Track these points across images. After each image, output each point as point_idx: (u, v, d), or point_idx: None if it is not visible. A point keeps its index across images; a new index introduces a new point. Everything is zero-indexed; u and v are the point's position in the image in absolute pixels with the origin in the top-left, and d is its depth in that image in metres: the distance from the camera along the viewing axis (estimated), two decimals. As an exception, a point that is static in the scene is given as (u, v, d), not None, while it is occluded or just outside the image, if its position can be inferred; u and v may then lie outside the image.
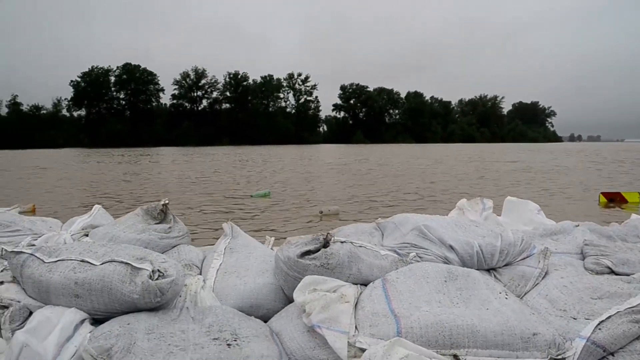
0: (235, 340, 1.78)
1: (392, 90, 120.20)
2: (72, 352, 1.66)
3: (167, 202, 2.98)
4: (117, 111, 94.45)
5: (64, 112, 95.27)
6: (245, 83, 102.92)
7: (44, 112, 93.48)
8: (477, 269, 2.32)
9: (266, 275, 2.30)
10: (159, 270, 1.98)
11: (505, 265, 2.46)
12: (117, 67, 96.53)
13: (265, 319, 2.15)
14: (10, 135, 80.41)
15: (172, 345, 1.71)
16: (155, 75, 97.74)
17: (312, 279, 2.04)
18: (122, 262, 1.97)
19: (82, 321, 1.89)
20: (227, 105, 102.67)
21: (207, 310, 2.01)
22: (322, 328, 1.82)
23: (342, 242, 2.23)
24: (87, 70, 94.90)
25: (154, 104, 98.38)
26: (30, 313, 1.92)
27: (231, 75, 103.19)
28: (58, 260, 2.01)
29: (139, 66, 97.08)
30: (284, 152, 50.56)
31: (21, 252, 2.07)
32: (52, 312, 1.83)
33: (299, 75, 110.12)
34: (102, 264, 1.98)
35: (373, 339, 1.78)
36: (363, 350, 1.76)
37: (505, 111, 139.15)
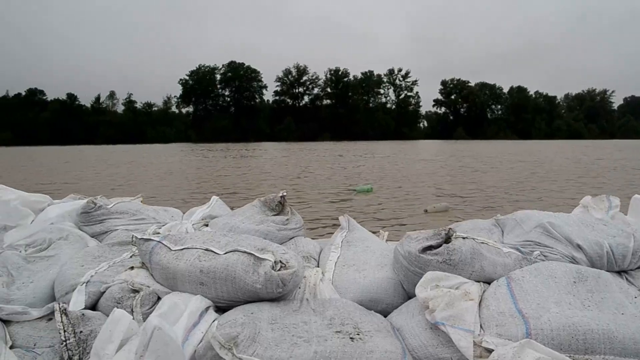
0: (358, 334, 1.78)
1: (494, 85, 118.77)
2: (199, 338, 1.73)
3: (285, 194, 3.03)
4: (222, 107, 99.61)
5: (174, 108, 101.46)
6: (345, 79, 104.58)
7: (156, 109, 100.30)
8: (607, 271, 2.17)
9: (385, 269, 2.28)
10: (280, 261, 2.00)
11: (638, 267, 2.29)
12: (223, 65, 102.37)
13: (384, 314, 2.14)
14: (126, 131, 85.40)
15: (295, 337, 1.74)
16: (258, 72, 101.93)
17: (434, 275, 2.00)
18: (245, 252, 2.03)
19: (207, 308, 1.96)
20: (328, 101, 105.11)
21: (327, 303, 2.02)
22: (446, 326, 1.77)
23: (463, 238, 2.17)
24: (194, 68, 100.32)
25: (257, 100, 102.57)
26: (158, 298, 2.01)
27: (332, 72, 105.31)
28: (184, 249, 2.10)
29: (243, 64, 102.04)
30: (384, 147, 50.53)
31: (150, 239, 2.18)
32: (180, 298, 1.92)
33: (400, 70, 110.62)
34: (225, 253, 2.05)
35: (500, 339, 1.71)
36: (489, 350, 1.69)
37: (615, 106, 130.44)
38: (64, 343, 1.83)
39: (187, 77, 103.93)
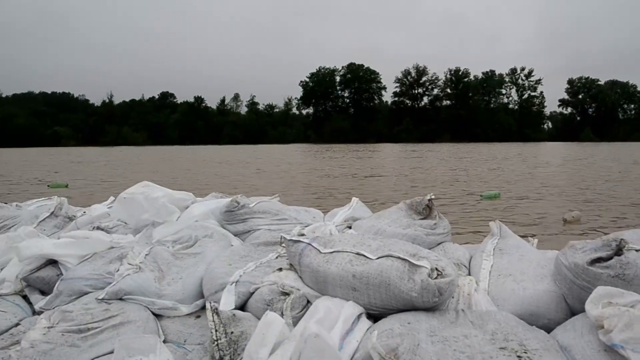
0: (525, 352, 1.65)
1: (627, 83, 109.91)
2: (354, 347, 1.69)
3: (433, 197, 2.89)
4: (342, 109, 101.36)
5: (294, 110, 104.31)
6: (466, 79, 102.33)
7: (277, 110, 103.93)
8: None
9: (545, 281, 2.12)
10: (436, 269, 1.88)
11: None
12: (342, 67, 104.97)
13: (545, 330, 1.93)
14: (248, 131, 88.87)
15: (457, 351, 1.63)
16: (377, 73, 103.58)
17: (606, 291, 1.79)
18: (399, 257, 1.94)
19: (359, 315, 1.86)
20: (448, 102, 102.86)
21: (486, 316, 1.89)
22: (626, 349, 1.56)
23: (637, 251, 1.92)
24: (315, 70, 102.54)
25: (376, 101, 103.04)
26: (308, 301, 1.94)
27: (452, 72, 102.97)
28: (334, 252, 2.07)
29: (362, 65, 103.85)
30: (506, 149, 48.52)
31: (299, 241, 2.15)
32: (332, 304, 1.88)
33: (523, 69, 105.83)
34: (378, 258, 1.98)
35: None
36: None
37: None
38: (216, 343, 1.84)
39: (307, 79, 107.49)
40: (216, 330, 1.91)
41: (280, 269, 2.30)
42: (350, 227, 3.06)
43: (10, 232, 3.35)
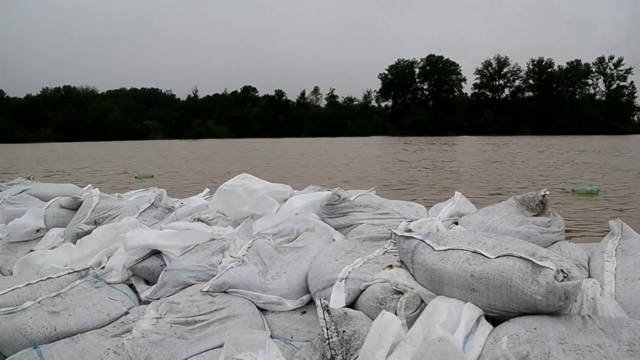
0: (670, 369, 1.42)
1: None
2: (478, 352, 1.58)
3: (547, 192, 2.69)
4: (421, 101, 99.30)
5: (373, 102, 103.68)
6: (549, 70, 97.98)
7: (356, 103, 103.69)
8: None
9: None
10: (562, 271, 1.70)
11: None
12: (422, 59, 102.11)
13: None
14: (328, 124, 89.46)
15: (592, 363, 1.43)
16: (457, 65, 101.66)
17: None
18: (520, 257, 1.76)
19: (479, 318, 1.70)
20: (530, 93, 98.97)
21: (617, 323, 1.70)
22: None
23: None
24: (394, 63, 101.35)
25: (455, 93, 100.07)
26: (421, 301, 1.81)
27: (534, 62, 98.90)
28: (449, 249, 1.95)
29: (442, 57, 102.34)
30: (593, 142, 46.03)
31: (411, 237, 2.01)
32: (451, 305, 1.72)
33: (611, 58, 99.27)
34: (497, 257, 1.81)
35: None
36: None
37: None
38: (327, 341, 1.75)
39: (386, 72, 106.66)
40: (327, 329, 1.82)
41: (391, 266, 2.19)
42: (456, 223, 2.90)
43: (115, 222, 3.42)
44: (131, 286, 2.74)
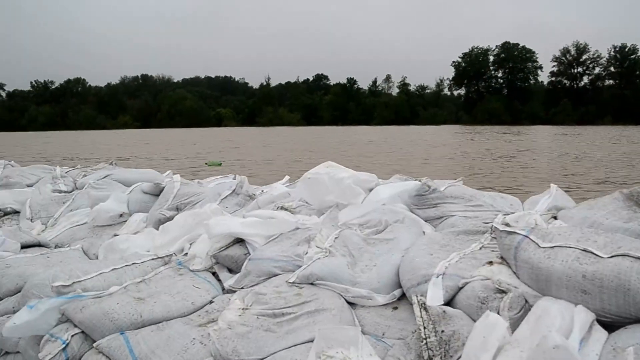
0: None
1: None
2: None
3: None
4: (495, 89, 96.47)
5: (445, 91, 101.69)
6: (632, 57, 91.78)
7: (428, 91, 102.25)
8: None
9: None
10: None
11: None
12: (496, 47, 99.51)
13: None
14: (399, 112, 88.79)
15: None
16: (533, 52, 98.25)
17: None
18: (638, 258, 1.56)
19: (591, 323, 1.54)
20: (611, 81, 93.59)
21: None
22: None
23: None
24: (467, 50, 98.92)
25: (531, 81, 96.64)
26: (525, 301, 1.66)
27: (616, 49, 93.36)
28: (555, 247, 1.79)
29: (517, 44, 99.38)
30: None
31: (514, 232, 1.85)
32: (563, 307, 1.55)
33: None
34: (610, 257, 1.64)
35: None
36: None
37: None
38: (424, 341, 1.65)
39: (459, 60, 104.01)
40: (425, 328, 1.71)
41: (491, 263, 2.04)
42: (555, 218, 2.71)
43: (197, 209, 3.42)
44: (214, 274, 2.72)
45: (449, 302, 1.98)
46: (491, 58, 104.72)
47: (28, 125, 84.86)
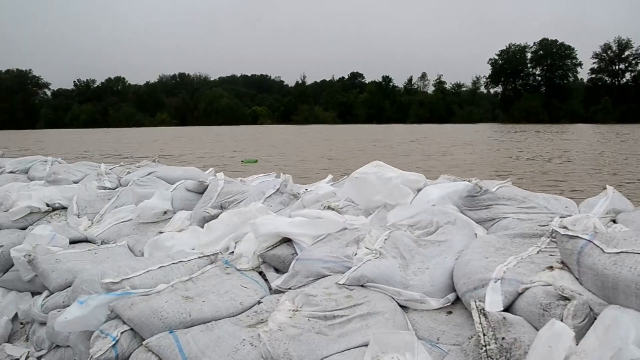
0: None
1: None
2: None
3: None
4: (532, 87, 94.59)
5: (482, 89, 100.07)
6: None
7: (464, 89, 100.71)
8: None
9: None
10: None
11: None
12: (534, 43, 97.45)
13: None
14: (434, 110, 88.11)
15: None
16: (572, 49, 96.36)
17: None
18: None
19: None
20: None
21: None
22: None
23: None
24: (504, 48, 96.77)
25: (570, 79, 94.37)
26: (590, 309, 1.58)
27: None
28: (621, 252, 1.68)
29: (556, 41, 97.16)
30: None
31: (577, 237, 1.76)
32: (633, 317, 1.47)
33: None
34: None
35: None
36: None
37: None
38: (484, 348, 1.58)
39: (496, 57, 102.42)
40: (484, 334, 1.64)
41: (551, 268, 1.96)
42: (614, 221, 2.60)
43: (241, 207, 3.40)
44: (260, 273, 2.69)
45: (508, 308, 1.91)
46: (529, 55, 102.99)
47: (71, 123, 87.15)
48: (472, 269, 2.08)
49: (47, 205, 4.54)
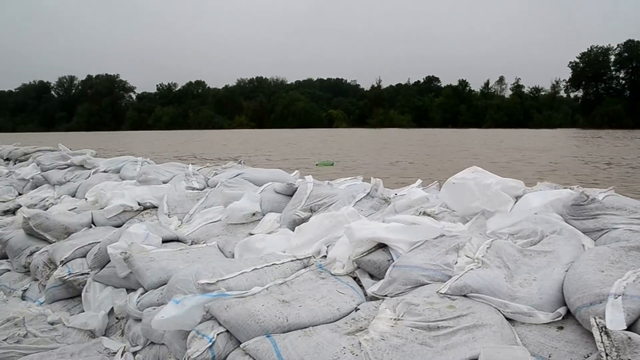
0: None
1: None
2: None
3: None
4: (616, 91, 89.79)
5: (562, 93, 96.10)
6: None
7: (543, 93, 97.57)
8: None
9: None
10: None
11: None
12: (618, 45, 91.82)
13: None
14: (512, 115, 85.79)
15: None
16: None
17: None
18: None
19: None
20: None
21: None
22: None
23: None
24: (586, 50, 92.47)
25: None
26: None
27: None
28: None
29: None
30: None
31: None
32: None
33: None
34: None
35: None
36: None
37: None
38: (608, 370, 1.42)
39: (577, 60, 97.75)
40: (607, 355, 1.52)
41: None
42: None
43: (332, 211, 3.35)
44: (354, 279, 2.62)
45: (630, 327, 1.75)
46: (612, 58, 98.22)
47: (154, 125, 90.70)
48: (586, 282, 1.93)
49: (139, 204, 4.69)
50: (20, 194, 7.02)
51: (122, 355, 2.71)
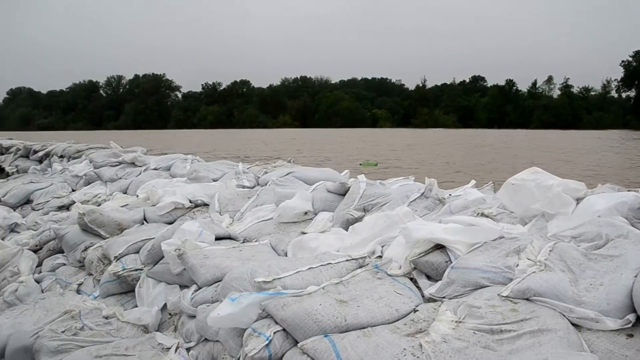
0: None
1: None
2: None
3: None
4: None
5: (613, 93, 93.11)
6: None
7: (593, 93, 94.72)
8: None
9: None
10: None
11: None
12: None
13: None
14: (560, 115, 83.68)
15: None
16: None
17: None
18: None
19: None
20: None
21: None
22: None
23: None
24: (638, 49, 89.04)
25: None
26: None
27: None
28: None
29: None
30: None
31: None
32: None
33: None
34: None
35: None
36: None
37: None
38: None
39: (630, 59, 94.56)
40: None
41: None
42: None
43: (387, 211, 3.33)
44: (411, 280, 2.60)
45: None
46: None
47: (199, 124, 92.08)
48: (659, 289, 1.85)
49: (190, 201, 4.76)
50: (73, 190, 7.24)
51: (176, 350, 2.75)
